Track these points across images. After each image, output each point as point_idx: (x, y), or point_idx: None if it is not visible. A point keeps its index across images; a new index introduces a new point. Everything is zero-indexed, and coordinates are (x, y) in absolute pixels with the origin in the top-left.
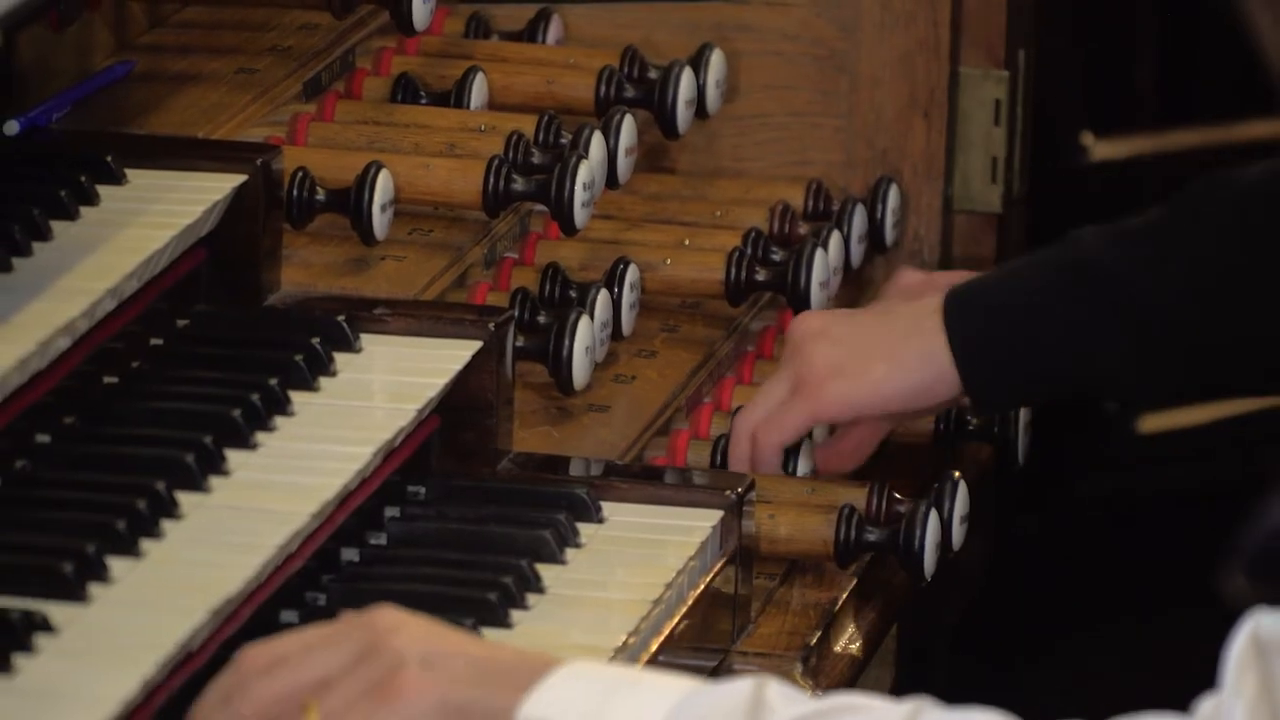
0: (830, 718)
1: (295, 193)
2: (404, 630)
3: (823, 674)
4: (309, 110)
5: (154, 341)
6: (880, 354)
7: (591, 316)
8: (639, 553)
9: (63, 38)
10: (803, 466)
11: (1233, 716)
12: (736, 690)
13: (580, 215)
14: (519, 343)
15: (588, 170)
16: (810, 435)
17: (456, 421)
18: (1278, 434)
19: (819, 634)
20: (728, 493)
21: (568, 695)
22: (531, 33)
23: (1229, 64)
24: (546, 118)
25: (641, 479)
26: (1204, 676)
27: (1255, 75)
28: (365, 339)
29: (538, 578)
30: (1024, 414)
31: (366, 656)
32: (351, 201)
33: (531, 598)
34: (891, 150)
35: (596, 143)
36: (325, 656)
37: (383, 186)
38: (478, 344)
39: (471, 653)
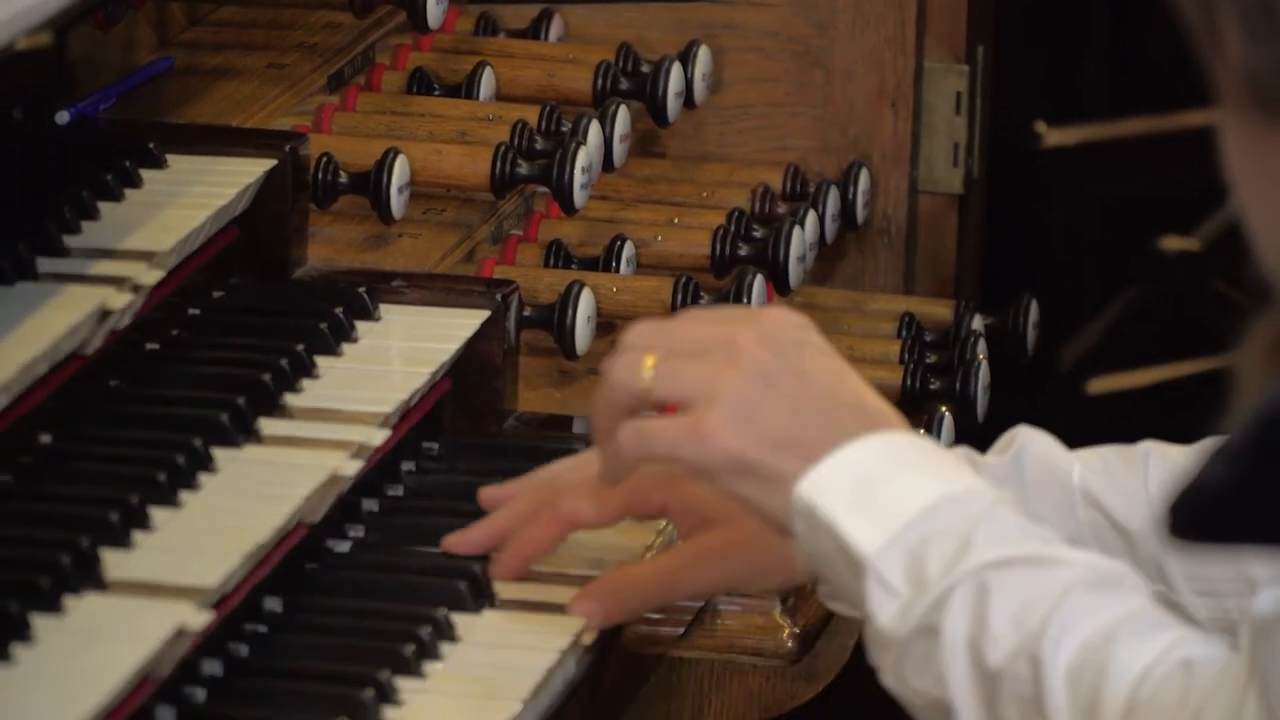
0: (1018, 567)
1: (320, 176)
2: (747, 365)
3: (800, 614)
4: (333, 101)
5: (192, 311)
6: None
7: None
8: None
9: (109, 35)
10: None
11: (1249, 694)
12: (965, 513)
13: (579, 196)
14: (526, 312)
15: (586, 155)
16: None
17: (467, 384)
18: (1217, 395)
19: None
20: None
21: (837, 482)
22: (535, 30)
23: (1171, 59)
24: (548, 108)
25: None
26: None
27: (1194, 70)
28: (384, 309)
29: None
30: (983, 374)
31: (715, 362)
32: (371, 184)
33: None
34: (862, 137)
35: (594, 131)
36: (691, 331)
37: (400, 170)
38: (486, 313)
39: (787, 410)
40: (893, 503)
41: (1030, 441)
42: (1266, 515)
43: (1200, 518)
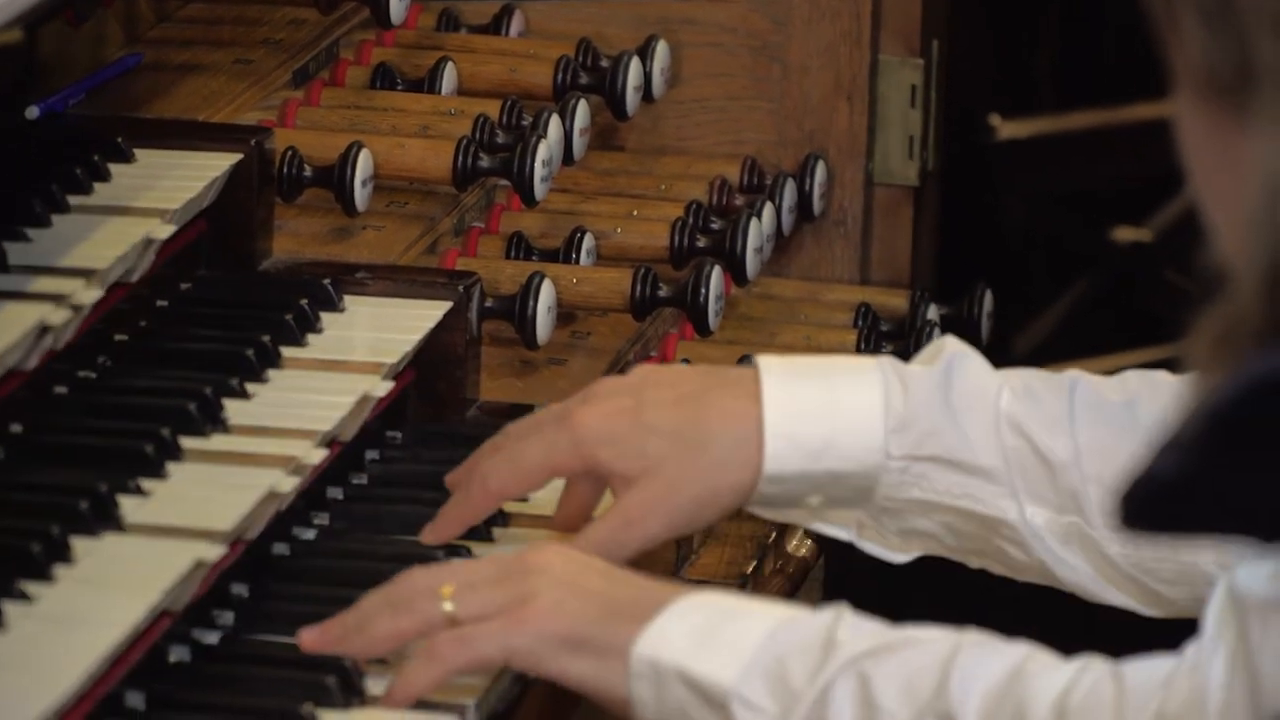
0: (887, 653)
1: (285, 170)
2: (549, 571)
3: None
4: (298, 96)
5: (160, 303)
6: None
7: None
8: None
9: (78, 32)
10: None
11: (1213, 665)
12: (816, 625)
13: (540, 189)
14: (487, 303)
15: (546, 149)
16: None
17: (430, 373)
18: None
19: (754, 563)
20: None
21: (674, 633)
22: (496, 26)
23: (1120, 52)
24: (510, 102)
25: None
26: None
27: (1143, 62)
28: (348, 300)
29: (504, 513)
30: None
31: (509, 579)
32: (336, 177)
33: (497, 531)
34: (818, 130)
35: (554, 124)
36: (475, 566)
37: (363, 164)
38: (448, 304)
39: (603, 592)
40: (736, 638)
41: (958, 359)
42: (1216, 506)
43: (1151, 509)
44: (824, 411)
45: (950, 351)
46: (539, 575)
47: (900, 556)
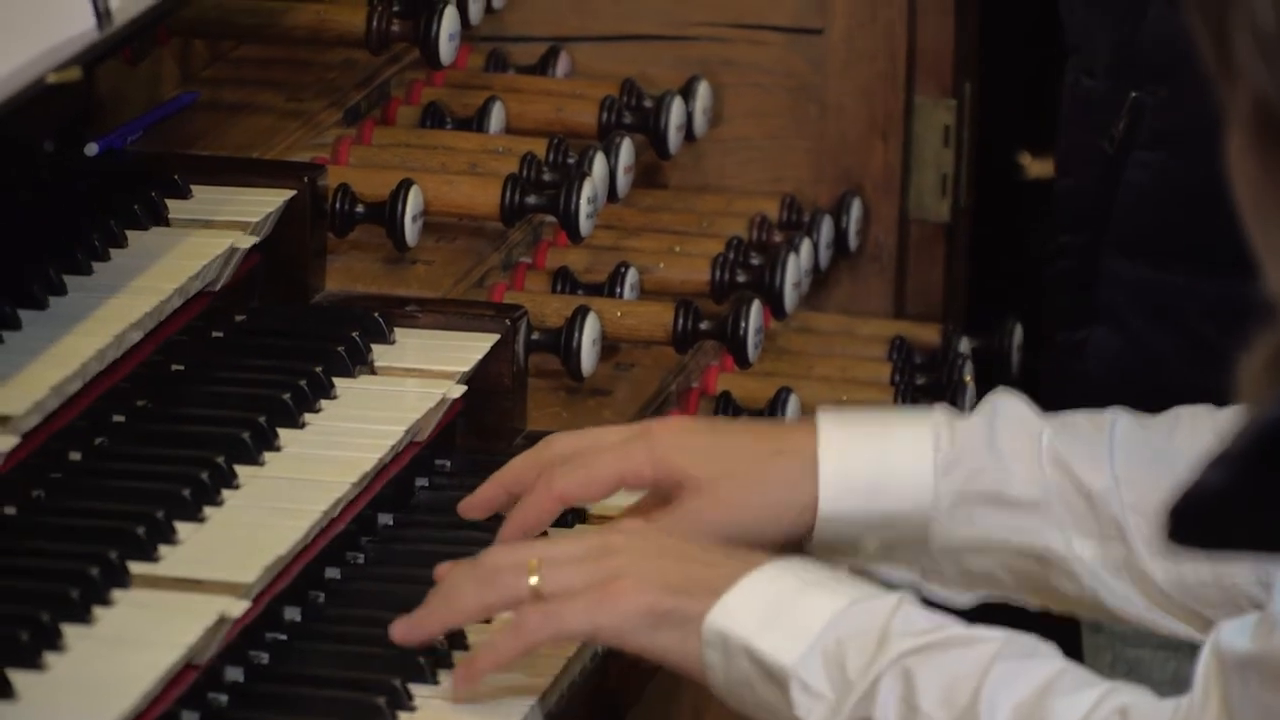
0: (932, 653)
1: (337, 206)
2: (631, 550)
3: None
4: (349, 134)
5: (215, 334)
6: None
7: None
8: None
9: (135, 71)
10: None
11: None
12: (876, 613)
13: (585, 225)
14: (534, 336)
15: (591, 186)
16: None
17: (478, 404)
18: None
19: None
20: None
21: (745, 607)
22: (543, 67)
23: None
24: (556, 140)
25: None
26: None
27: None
28: (398, 332)
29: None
30: (970, 395)
31: (593, 557)
32: (386, 214)
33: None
34: (855, 168)
35: (599, 162)
36: (560, 544)
37: (413, 201)
38: (496, 336)
39: (683, 569)
40: (802, 617)
41: (1003, 403)
42: (1263, 521)
43: (1198, 523)
44: (877, 454)
45: (997, 398)
46: (621, 555)
47: (964, 599)
